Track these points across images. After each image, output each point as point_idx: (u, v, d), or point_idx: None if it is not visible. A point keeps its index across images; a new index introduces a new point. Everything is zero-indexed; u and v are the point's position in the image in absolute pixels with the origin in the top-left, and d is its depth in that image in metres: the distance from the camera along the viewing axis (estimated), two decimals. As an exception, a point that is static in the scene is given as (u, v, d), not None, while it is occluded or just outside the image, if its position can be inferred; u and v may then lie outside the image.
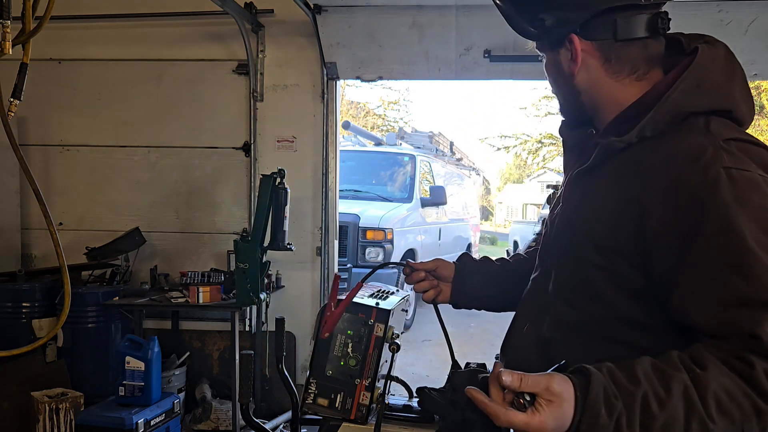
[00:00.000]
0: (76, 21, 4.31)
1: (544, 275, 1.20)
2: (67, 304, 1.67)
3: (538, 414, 0.84)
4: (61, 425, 3.21)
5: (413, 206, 7.50)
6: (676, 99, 1.01)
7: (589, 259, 1.04)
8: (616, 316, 1.03)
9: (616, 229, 1.00)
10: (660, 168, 0.97)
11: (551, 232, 1.20)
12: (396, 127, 17.40)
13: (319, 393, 1.43)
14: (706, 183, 0.92)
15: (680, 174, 0.94)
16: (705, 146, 0.95)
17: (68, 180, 4.51)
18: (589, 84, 1.13)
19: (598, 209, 1.05)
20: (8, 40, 1.46)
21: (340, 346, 1.44)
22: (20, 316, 3.84)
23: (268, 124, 4.36)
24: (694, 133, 0.99)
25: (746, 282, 0.88)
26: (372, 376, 1.41)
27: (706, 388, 0.85)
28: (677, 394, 0.85)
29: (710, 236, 0.91)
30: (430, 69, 4.19)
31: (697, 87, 1.02)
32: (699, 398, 0.85)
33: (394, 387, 1.52)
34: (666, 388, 0.85)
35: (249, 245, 3.57)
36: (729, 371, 0.87)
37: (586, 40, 1.10)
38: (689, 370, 0.87)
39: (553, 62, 1.16)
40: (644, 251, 0.98)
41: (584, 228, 1.06)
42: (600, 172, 1.08)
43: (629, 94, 1.10)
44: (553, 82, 1.20)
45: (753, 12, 3.79)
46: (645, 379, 0.86)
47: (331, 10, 4.06)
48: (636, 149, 1.03)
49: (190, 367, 4.17)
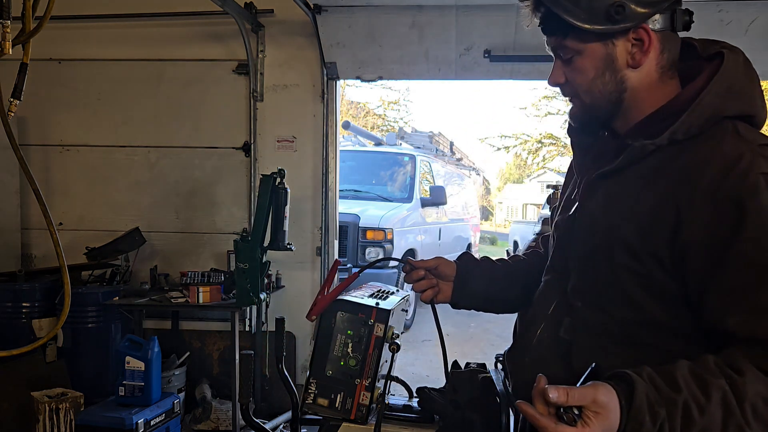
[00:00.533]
0: (76, 21, 4.31)
1: (560, 278, 1.19)
2: (67, 304, 1.67)
3: (588, 427, 0.85)
4: (61, 425, 3.21)
5: (413, 206, 7.50)
6: (710, 102, 1.01)
7: (620, 261, 1.04)
8: (645, 319, 1.03)
9: (650, 231, 1.00)
10: (697, 172, 0.97)
11: (570, 234, 1.18)
12: (396, 127, 17.41)
13: (319, 393, 1.43)
14: (745, 189, 0.93)
15: (719, 179, 0.94)
16: (742, 151, 0.96)
17: (68, 180, 4.51)
18: (639, 79, 1.10)
19: (628, 211, 1.04)
20: (8, 40, 1.46)
21: (340, 346, 1.44)
22: (20, 316, 3.84)
23: (268, 124, 4.36)
24: (729, 137, 1.00)
25: None
26: (372, 376, 1.41)
27: (744, 394, 0.86)
28: (716, 401, 0.86)
29: (749, 242, 0.91)
30: (430, 69, 4.18)
31: (728, 91, 1.03)
32: (737, 404, 0.86)
33: (394, 387, 1.52)
34: (706, 394, 0.86)
35: (249, 245, 3.57)
36: (765, 377, 0.88)
37: (654, 31, 1.08)
38: (727, 376, 0.88)
39: (602, 56, 1.09)
40: (680, 255, 0.98)
41: (614, 230, 1.05)
42: (626, 174, 1.08)
43: (665, 93, 1.10)
44: (592, 78, 1.11)
45: (753, 12, 3.78)
46: (685, 385, 0.87)
47: (331, 10, 4.06)
48: (666, 152, 1.03)
49: (190, 367, 4.17)
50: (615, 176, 1.10)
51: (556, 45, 1.13)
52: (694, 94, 1.04)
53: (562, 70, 1.15)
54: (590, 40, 1.08)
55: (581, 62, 1.11)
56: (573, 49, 1.11)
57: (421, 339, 6.74)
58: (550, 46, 1.16)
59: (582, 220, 1.15)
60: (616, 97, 1.12)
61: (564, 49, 1.12)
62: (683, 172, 0.99)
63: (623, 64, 1.09)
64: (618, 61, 1.09)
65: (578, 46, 1.10)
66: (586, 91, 1.13)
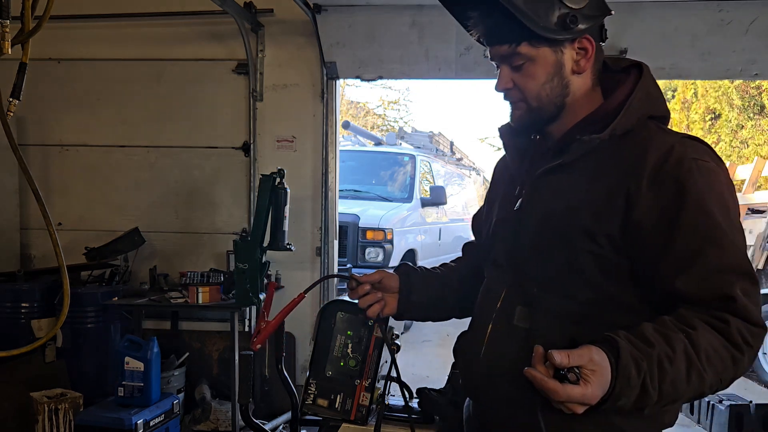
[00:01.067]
0: (75, 21, 4.30)
1: (506, 271, 1.27)
2: (67, 304, 1.67)
3: (589, 384, 0.97)
4: (60, 425, 3.21)
5: (413, 206, 7.49)
6: (638, 105, 1.17)
7: (580, 245, 1.14)
8: (601, 296, 1.15)
9: (605, 214, 1.12)
10: (640, 161, 1.11)
11: (518, 227, 1.25)
12: (396, 127, 17.40)
13: (319, 393, 1.43)
14: (683, 171, 1.08)
15: (659, 165, 1.10)
16: (673, 143, 1.12)
17: (67, 180, 4.51)
18: (579, 85, 1.23)
19: (582, 199, 1.15)
20: (7, 40, 1.45)
21: (340, 347, 1.43)
22: (19, 316, 3.84)
23: (267, 123, 4.36)
24: (658, 133, 1.16)
25: (720, 253, 1.06)
26: (372, 377, 1.41)
27: (699, 345, 1.02)
28: (680, 352, 1.01)
29: (690, 215, 1.07)
30: (430, 69, 4.18)
31: (648, 96, 1.19)
32: (695, 354, 1.01)
33: (394, 387, 1.51)
34: (672, 347, 1.01)
35: (249, 245, 3.57)
36: (711, 329, 1.04)
37: (594, 41, 1.20)
38: (683, 331, 1.03)
39: (552, 62, 1.19)
40: (631, 233, 1.11)
41: (571, 216, 1.15)
42: (572, 168, 1.19)
43: (594, 99, 1.24)
44: (542, 84, 1.20)
45: (753, 12, 3.78)
46: (656, 341, 1.01)
47: (331, 10, 4.06)
48: (606, 147, 1.16)
49: (189, 367, 4.16)
50: (560, 171, 1.20)
51: (507, 53, 1.20)
52: (624, 98, 1.18)
53: (510, 77, 1.22)
54: (542, 46, 1.18)
55: (533, 68, 1.19)
56: (526, 56, 1.19)
57: (421, 340, 6.74)
58: (498, 54, 1.22)
59: (532, 213, 1.23)
60: (560, 101, 1.22)
61: (515, 56, 1.19)
62: (628, 162, 1.12)
63: (569, 70, 1.20)
64: (565, 68, 1.20)
65: (531, 53, 1.18)
66: (534, 96, 1.22)
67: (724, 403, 4.16)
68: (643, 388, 0.99)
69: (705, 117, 12.95)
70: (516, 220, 1.26)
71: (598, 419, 1.08)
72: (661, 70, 4.03)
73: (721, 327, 1.04)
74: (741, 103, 12.41)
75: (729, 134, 12.61)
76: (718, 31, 3.85)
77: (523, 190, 1.26)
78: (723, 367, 1.04)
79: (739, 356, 1.05)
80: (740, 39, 3.83)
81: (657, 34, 3.91)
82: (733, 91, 12.35)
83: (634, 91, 1.18)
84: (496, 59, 1.24)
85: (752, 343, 1.05)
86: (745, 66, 3.93)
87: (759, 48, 3.85)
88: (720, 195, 1.10)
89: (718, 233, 1.07)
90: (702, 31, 3.87)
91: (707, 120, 12.97)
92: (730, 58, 3.91)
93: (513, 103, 1.25)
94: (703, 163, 1.11)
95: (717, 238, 1.07)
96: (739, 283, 1.06)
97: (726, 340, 1.04)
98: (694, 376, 1.02)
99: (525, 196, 1.26)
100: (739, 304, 1.04)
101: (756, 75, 4.01)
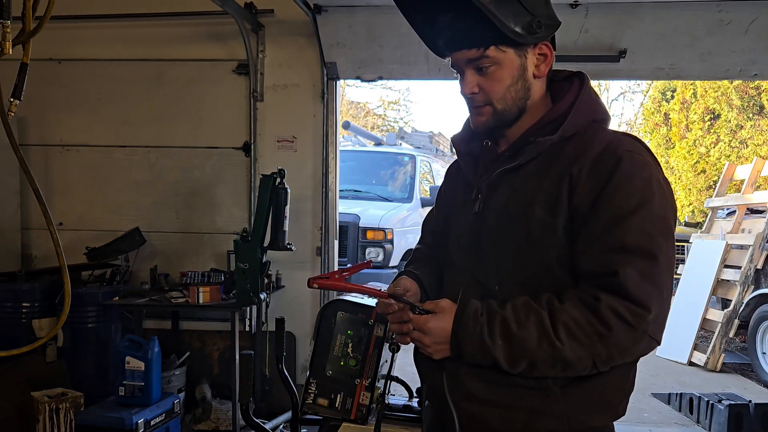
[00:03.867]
0: (76, 21, 4.31)
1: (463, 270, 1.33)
2: (67, 304, 1.67)
3: (432, 319, 1.21)
4: (61, 425, 3.21)
5: (413, 206, 7.49)
6: (583, 110, 1.27)
7: (538, 237, 1.21)
8: (558, 286, 1.20)
9: (555, 204, 1.19)
10: (583, 154, 1.21)
11: (478, 227, 1.30)
12: (396, 127, 17.40)
13: (319, 393, 1.43)
14: (615, 159, 1.17)
15: (598, 156, 1.19)
16: (611, 138, 1.23)
17: (68, 180, 4.51)
18: (537, 89, 1.30)
19: (537, 194, 1.22)
20: (8, 40, 1.46)
21: (340, 346, 1.44)
22: (20, 316, 3.83)
23: (268, 124, 4.36)
24: (600, 132, 1.26)
25: (623, 233, 1.13)
26: (372, 376, 1.41)
27: (558, 318, 1.12)
28: (532, 321, 1.13)
29: (608, 199, 1.15)
30: (430, 69, 4.18)
31: (591, 102, 1.29)
32: (551, 326, 1.12)
33: (394, 387, 1.52)
34: (525, 316, 1.14)
35: (249, 245, 3.57)
36: (581, 305, 1.13)
37: (552, 47, 1.29)
38: (549, 306, 1.15)
39: (517, 65, 1.25)
40: (570, 218, 1.19)
41: (528, 211, 1.22)
42: (526, 168, 1.26)
43: (546, 103, 1.32)
44: (507, 87, 1.25)
45: (753, 12, 3.78)
46: (510, 308, 1.16)
47: (331, 10, 4.06)
48: (559, 145, 1.25)
49: (190, 367, 4.17)
50: (515, 171, 1.27)
51: (475, 56, 1.24)
52: (569, 104, 1.27)
53: (476, 81, 1.26)
54: (509, 50, 1.23)
55: (499, 72, 1.24)
56: (493, 59, 1.23)
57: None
58: (465, 59, 1.25)
59: (491, 213, 1.29)
60: (523, 104, 1.28)
61: (482, 60, 1.23)
62: (573, 156, 1.21)
63: (531, 74, 1.27)
64: (528, 71, 1.27)
65: (499, 56, 1.23)
66: (500, 99, 1.27)
67: (723, 402, 4.16)
68: (482, 340, 1.15)
69: (704, 117, 12.95)
70: (476, 222, 1.31)
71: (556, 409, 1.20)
72: (660, 71, 4.04)
73: (590, 302, 1.12)
74: (740, 104, 12.41)
75: (728, 134, 12.62)
76: (717, 32, 3.85)
77: (479, 194, 1.32)
78: (589, 340, 1.11)
79: (605, 332, 1.10)
80: (740, 39, 3.83)
81: (656, 34, 3.91)
82: (733, 91, 12.36)
83: (578, 97, 1.27)
84: (461, 64, 1.27)
85: (630, 321, 1.10)
86: (745, 66, 3.93)
87: (758, 48, 3.85)
88: (645, 183, 1.17)
89: (628, 215, 1.14)
90: (701, 32, 3.87)
91: (706, 120, 12.97)
92: (729, 59, 3.92)
93: (477, 108, 1.29)
94: (634, 154, 1.19)
95: (625, 219, 1.14)
96: (634, 262, 1.11)
97: (593, 315, 1.11)
98: (546, 345, 1.12)
99: (483, 198, 1.31)
100: (619, 281, 1.11)
101: (755, 75, 4.01)
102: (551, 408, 1.19)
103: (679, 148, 13.44)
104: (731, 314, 6.10)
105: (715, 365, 6.04)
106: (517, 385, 1.20)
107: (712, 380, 5.78)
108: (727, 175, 7.45)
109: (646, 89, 16.98)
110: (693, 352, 6.24)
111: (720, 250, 6.48)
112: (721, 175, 7.64)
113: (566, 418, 1.20)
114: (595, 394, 1.21)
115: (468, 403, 1.24)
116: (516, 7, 1.19)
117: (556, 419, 1.20)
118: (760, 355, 5.91)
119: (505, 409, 1.21)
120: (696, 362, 6.21)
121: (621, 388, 1.25)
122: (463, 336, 1.18)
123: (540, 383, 1.19)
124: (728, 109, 12.52)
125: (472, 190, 1.36)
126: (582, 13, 3.80)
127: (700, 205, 12.35)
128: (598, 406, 1.23)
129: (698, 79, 8.81)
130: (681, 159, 13.36)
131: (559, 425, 1.20)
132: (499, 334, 1.15)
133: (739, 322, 6.09)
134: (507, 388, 1.21)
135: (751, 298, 6.02)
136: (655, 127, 14.75)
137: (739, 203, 6.81)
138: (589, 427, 1.23)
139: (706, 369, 6.05)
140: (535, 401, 1.20)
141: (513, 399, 1.21)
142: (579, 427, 1.21)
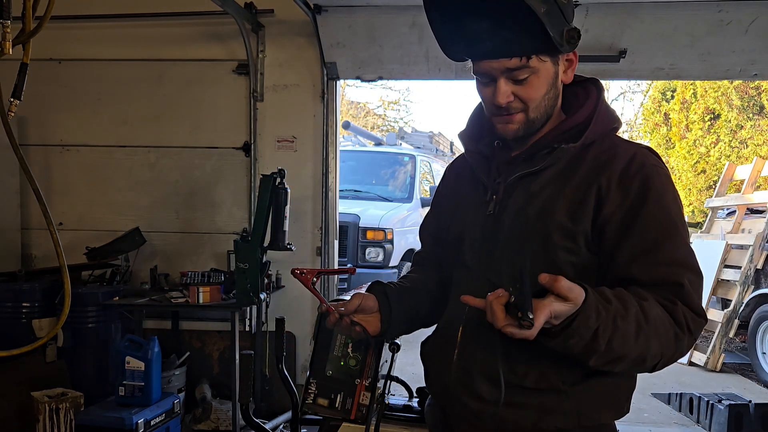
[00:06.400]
0: (76, 21, 4.31)
1: (477, 271, 1.31)
2: (67, 304, 1.67)
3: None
4: (61, 425, 3.21)
5: (413, 206, 7.49)
6: (603, 118, 1.29)
7: (557, 242, 1.21)
8: None
9: (579, 212, 1.21)
10: (608, 165, 1.23)
11: (492, 229, 1.29)
12: (396, 127, 17.40)
13: (319, 393, 1.43)
14: (645, 174, 1.21)
15: (624, 168, 1.22)
16: (635, 151, 1.25)
17: (68, 180, 4.51)
18: (559, 95, 1.31)
19: (557, 199, 1.23)
20: (8, 40, 1.46)
21: (341, 346, 1.43)
22: (20, 316, 3.83)
23: (268, 124, 4.36)
24: (621, 142, 1.29)
25: (674, 247, 1.18)
26: (372, 376, 1.41)
27: (649, 314, 1.12)
28: (632, 314, 1.11)
29: (651, 213, 1.19)
30: (430, 69, 4.18)
31: (607, 110, 1.31)
32: (645, 319, 1.11)
33: (394, 387, 1.52)
34: (626, 309, 1.11)
35: (249, 245, 3.57)
36: (660, 305, 1.15)
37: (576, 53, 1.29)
38: (638, 300, 1.14)
39: (552, 73, 1.25)
40: (599, 228, 1.20)
41: (548, 216, 1.22)
42: (546, 173, 1.27)
43: (559, 108, 1.33)
44: (543, 95, 1.25)
45: (753, 12, 3.77)
46: (614, 299, 1.11)
47: (331, 10, 4.06)
48: (580, 152, 1.26)
49: (190, 367, 4.17)
50: (533, 176, 1.27)
51: (516, 66, 1.20)
52: (590, 112, 1.29)
53: (511, 89, 1.23)
54: (548, 59, 1.22)
55: (536, 80, 1.23)
56: (532, 68, 1.21)
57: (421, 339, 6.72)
58: (502, 68, 1.21)
59: (507, 215, 1.28)
60: (552, 111, 1.30)
61: (523, 69, 1.21)
62: (598, 166, 1.23)
63: (560, 81, 1.29)
64: (559, 79, 1.28)
65: (538, 66, 1.22)
66: (535, 107, 1.26)
67: (723, 402, 4.16)
68: (595, 335, 1.08)
69: (704, 117, 12.95)
70: (490, 224, 1.30)
71: (567, 407, 1.21)
72: (660, 71, 4.04)
73: (668, 306, 1.15)
74: (740, 104, 12.40)
75: (728, 134, 12.61)
76: (717, 32, 3.85)
77: (494, 195, 1.31)
78: (666, 340, 1.14)
79: (681, 335, 1.15)
80: (740, 39, 3.83)
81: (656, 34, 3.91)
82: (733, 91, 12.35)
83: (597, 105, 1.30)
84: (495, 72, 1.22)
85: (692, 330, 1.16)
86: (745, 66, 3.93)
87: (758, 48, 3.85)
88: (674, 196, 1.24)
89: (673, 229, 1.19)
90: (701, 32, 3.87)
91: (706, 120, 12.96)
92: (729, 59, 3.91)
93: (510, 116, 1.26)
94: (661, 169, 1.25)
95: (672, 233, 1.19)
96: (687, 275, 1.17)
97: (671, 318, 1.14)
98: (642, 338, 1.11)
99: (499, 200, 1.30)
100: (686, 292, 1.16)
101: (755, 75, 4.01)
102: (562, 405, 1.21)
103: (679, 148, 13.44)
104: (731, 314, 6.10)
105: (715, 365, 6.04)
106: (526, 387, 1.21)
107: (712, 380, 5.78)
108: (727, 175, 7.46)
109: (646, 89, 16.98)
110: (693, 352, 6.24)
111: (720, 250, 6.49)
112: (721, 175, 7.64)
113: (577, 414, 1.22)
114: (607, 392, 1.24)
115: (476, 402, 1.25)
116: (558, 17, 1.17)
117: (567, 416, 1.21)
118: (760, 355, 5.91)
119: (514, 407, 1.22)
120: (696, 362, 6.21)
121: (628, 387, 1.29)
122: (578, 330, 1.07)
123: (551, 384, 1.21)
124: (728, 109, 12.51)
125: (485, 191, 1.34)
126: (582, 13, 3.80)
127: (700, 205, 12.34)
128: (608, 404, 1.25)
129: (698, 79, 8.81)
130: (681, 159, 13.36)
131: (570, 422, 1.22)
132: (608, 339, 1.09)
133: (739, 322, 6.09)
134: (517, 389, 1.21)
135: (751, 298, 6.02)
136: (655, 127, 14.75)
137: (739, 203, 6.81)
138: (599, 423, 1.25)
139: (706, 369, 6.05)
140: (545, 400, 1.22)
141: (523, 399, 1.22)
142: (589, 423, 1.23)
